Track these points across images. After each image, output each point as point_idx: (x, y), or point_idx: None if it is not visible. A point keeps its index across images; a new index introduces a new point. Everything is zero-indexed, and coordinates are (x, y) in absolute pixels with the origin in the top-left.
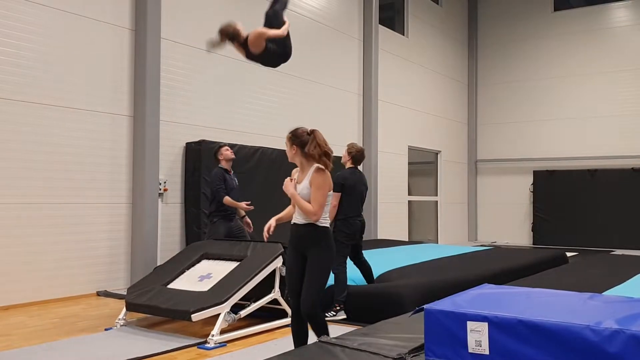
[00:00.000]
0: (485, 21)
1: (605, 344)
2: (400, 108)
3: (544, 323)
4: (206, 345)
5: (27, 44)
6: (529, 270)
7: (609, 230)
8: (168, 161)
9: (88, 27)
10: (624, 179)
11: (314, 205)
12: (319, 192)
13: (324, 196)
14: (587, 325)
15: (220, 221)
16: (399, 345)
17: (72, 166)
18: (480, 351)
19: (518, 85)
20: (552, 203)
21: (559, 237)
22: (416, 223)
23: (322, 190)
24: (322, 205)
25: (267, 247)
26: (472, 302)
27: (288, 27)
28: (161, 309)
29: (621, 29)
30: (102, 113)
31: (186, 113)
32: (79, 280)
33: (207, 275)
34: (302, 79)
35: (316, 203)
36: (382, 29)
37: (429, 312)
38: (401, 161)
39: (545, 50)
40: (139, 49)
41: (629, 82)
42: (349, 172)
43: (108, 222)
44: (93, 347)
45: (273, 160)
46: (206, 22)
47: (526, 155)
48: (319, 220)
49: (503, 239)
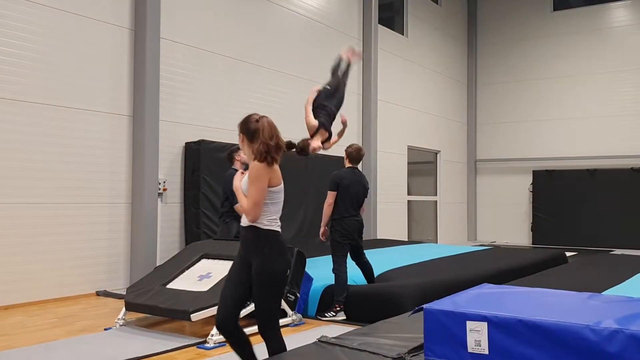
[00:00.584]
0: (484, 21)
1: (604, 344)
2: (400, 108)
3: (544, 323)
4: (205, 345)
5: (27, 44)
6: (529, 270)
7: (609, 230)
8: (167, 161)
9: (88, 26)
10: (624, 179)
11: (247, 201)
12: (253, 187)
13: (260, 192)
14: (586, 325)
15: (233, 221)
16: (398, 345)
17: (72, 166)
18: (480, 351)
19: (517, 85)
20: (551, 203)
21: (559, 237)
22: (415, 223)
23: (257, 184)
24: (256, 203)
25: None
26: (472, 301)
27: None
28: (161, 309)
29: (620, 28)
30: (101, 113)
31: (186, 113)
32: (78, 280)
33: (207, 275)
34: (302, 79)
35: (249, 199)
36: (382, 28)
37: (429, 312)
38: (400, 161)
39: (544, 50)
40: (139, 48)
41: (629, 82)
42: (345, 171)
43: (107, 222)
44: (92, 346)
45: None
46: (206, 22)
47: (525, 155)
48: (256, 220)
49: (502, 238)
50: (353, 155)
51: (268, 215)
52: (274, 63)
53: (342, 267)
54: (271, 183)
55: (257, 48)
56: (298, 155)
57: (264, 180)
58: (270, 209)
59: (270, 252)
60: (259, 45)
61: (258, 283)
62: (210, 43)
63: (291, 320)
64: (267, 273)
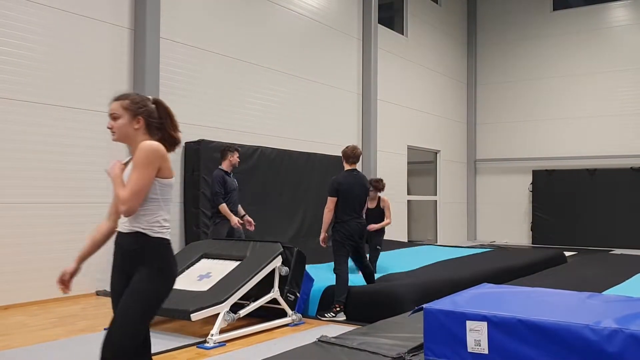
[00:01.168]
0: (484, 20)
1: (604, 343)
2: (400, 107)
3: (544, 322)
4: (205, 344)
5: (27, 44)
6: (528, 269)
7: (608, 229)
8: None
9: (87, 26)
10: (624, 179)
11: (126, 187)
12: (139, 172)
13: (147, 179)
14: (586, 324)
15: (223, 222)
16: (398, 345)
17: (72, 165)
18: (480, 350)
19: (517, 85)
20: (551, 202)
21: (558, 237)
22: (415, 222)
23: (147, 169)
24: (138, 192)
25: (266, 246)
26: (472, 301)
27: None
28: (160, 309)
29: (620, 28)
30: (101, 112)
31: (185, 112)
32: (78, 279)
33: (207, 274)
34: (302, 79)
35: (129, 185)
36: (382, 28)
37: (428, 312)
38: (400, 161)
39: (544, 49)
40: (138, 48)
41: (628, 82)
42: (344, 175)
43: None
44: (93, 346)
45: (272, 160)
46: (205, 22)
47: (525, 155)
48: (131, 214)
49: (502, 238)
50: (349, 155)
51: (159, 217)
52: (273, 62)
53: (343, 267)
54: (164, 173)
55: (257, 47)
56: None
57: (155, 168)
58: (161, 208)
59: (159, 266)
60: (259, 44)
61: (130, 301)
62: (210, 42)
63: (291, 320)
64: (148, 291)
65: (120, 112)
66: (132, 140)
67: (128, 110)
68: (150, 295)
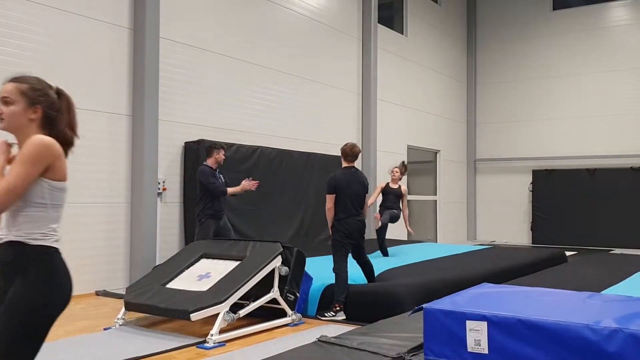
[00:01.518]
0: (484, 20)
1: (604, 343)
2: (399, 107)
3: (543, 322)
4: (205, 344)
5: (27, 44)
6: (528, 269)
7: (608, 229)
8: (167, 160)
9: (87, 26)
10: (623, 178)
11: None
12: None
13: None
14: (586, 324)
15: (210, 221)
16: (398, 345)
17: (71, 165)
18: (480, 350)
19: (517, 84)
20: (551, 202)
21: (558, 237)
22: (415, 222)
23: (28, 166)
24: (12, 189)
25: (266, 246)
26: (471, 301)
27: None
28: (160, 309)
29: (620, 28)
30: (100, 112)
31: (185, 112)
32: (77, 279)
33: (206, 274)
34: (301, 78)
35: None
36: (381, 28)
37: (428, 312)
38: (400, 160)
39: (544, 49)
40: (138, 48)
41: (628, 81)
42: (342, 172)
43: (107, 222)
44: (92, 346)
45: (272, 159)
46: (205, 22)
47: (525, 155)
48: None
49: (502, 238)
50: (347, 152)
51: (43, 225)
52: (273, 62)
53: (343, 267)
54: (57, 175)
55: (256, 47)
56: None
57: (42, 167)
58: (49, 215)
59: (46, 278)
60: (259, 44)
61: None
62: (209, 42)
63: (291, 320)
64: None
65: (15, 96)
66: (23, 132)
67: (25, 96)
68: (31, 307)
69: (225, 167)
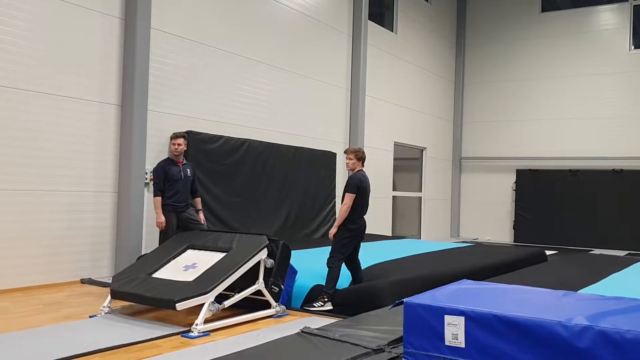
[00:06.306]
0: (473, 20)
1: (575, 339)
2: (387, 104)
3: (518, 318)
4: (190, 334)
5: (16, 31)
6: (509, 267)
7: (589, 230)
8: (154, 151)
9: (78, 14)
10: (605, 180)
11: None
12: None
13: None
14: (558, 321)
15: (170, 214)
16: (379, 337)
17: (59, 153)
18: (457, 344)
19: (504, 85)
20: (534, 202)
21: (540, 236)
22: (400, 218)
23: None
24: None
25: (252, 239)
26: (450, 296)
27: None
28: (146, 298)
29: (606, 31)
30: (89, 101)
31: (174, 103)
32: (63, 267)
33: (192, 265)
34: (290, 73)
35: None
36: (371, 24)
37: (409, 306)
38: (387, 157)
39: (531, 50)
40: (129, 38)
41: (612, 85)
42: (363, 174)
43: (93, 210)
44: (77, 333)
45: (260, 153)
46: (196, 14)
47: (510, 154)
48: None
49: (485, 235)
50: (364, 158)
51: None
52: (263, 56)
53: (337, 264)
54: None
55: (247, 41)
56: None
57: None
58: None
59: None
60: (249, 37)
61: None
62: (200, 35)
63: (275, 312)
64: None
65: None
66: None
67: None
68: None
69: (213, 160)
